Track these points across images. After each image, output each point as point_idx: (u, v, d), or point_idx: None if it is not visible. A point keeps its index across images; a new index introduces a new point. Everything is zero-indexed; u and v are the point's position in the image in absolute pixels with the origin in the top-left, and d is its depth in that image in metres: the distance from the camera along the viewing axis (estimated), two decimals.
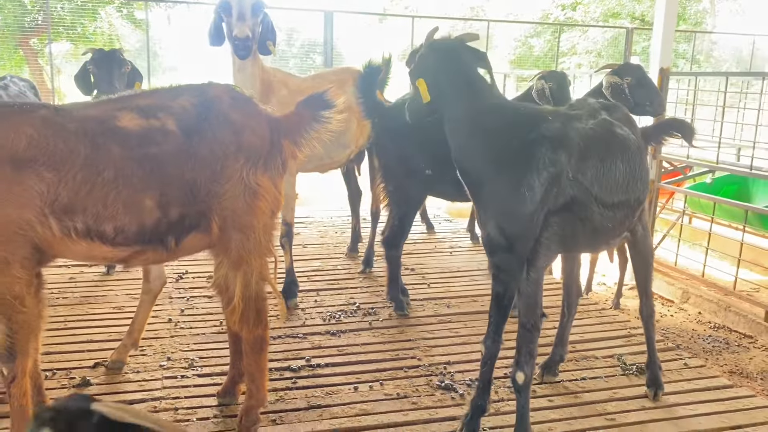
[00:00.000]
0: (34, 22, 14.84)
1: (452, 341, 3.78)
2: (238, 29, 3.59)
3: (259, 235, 2.60)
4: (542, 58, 23.46)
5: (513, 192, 2.40)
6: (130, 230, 2.42)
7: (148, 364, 3.38)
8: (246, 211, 2.55)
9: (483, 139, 2.50)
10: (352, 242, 5.45)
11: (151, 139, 2.42)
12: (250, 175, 2.53)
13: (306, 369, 3.39)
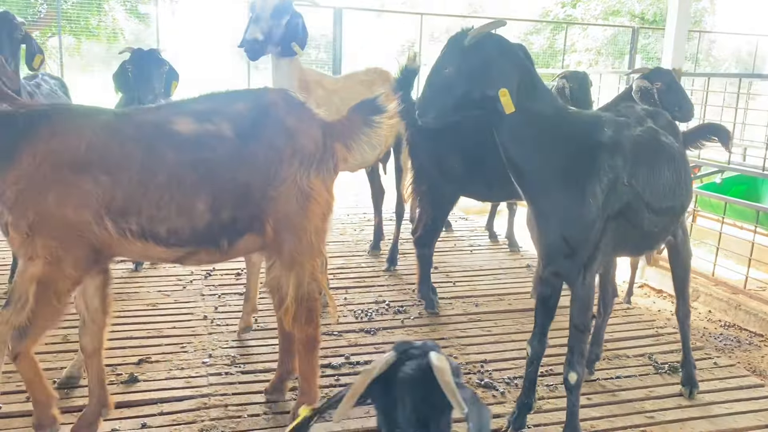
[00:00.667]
0: (37, 15, 14.76)
1: (485, 340, 3.85)
2: (249, 31, 3.68)
3: (311, 237, 2.65)
4: (541, 55, 23.51)
5: (576, 199, 2.46)
6: (182, 232, 2.50)
7: (191, 361, 3.43)
8: (299, 213, 2.60)
9: (542, 145, 2.55)
10: (374, 240, 5.51)
11: (205, 144, 2.49)
12: (304, 179, 2.58)
13: (346, 366, 3.45)
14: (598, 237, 2.51)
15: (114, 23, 14.80)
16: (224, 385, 3.20)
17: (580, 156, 2.51)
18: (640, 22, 21.41)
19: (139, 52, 4.20)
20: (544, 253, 2.62)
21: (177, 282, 4.60)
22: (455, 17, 21.69)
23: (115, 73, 4.27)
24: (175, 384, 3.19)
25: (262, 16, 3.71)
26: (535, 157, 2.55)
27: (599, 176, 2.47)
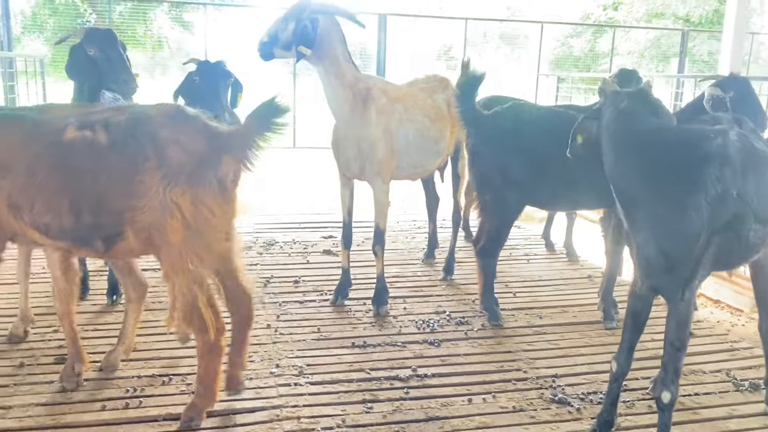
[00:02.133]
0: (87, 25, 15.09)
1: (554, 353, 3.76)
2: (263, 34, 3.74)
3: (178, 250, 2.68)
4: (582, 58, 23.21)
5: (679, 212, 2.38)
6: (56, 229, 2.73)
7: (258, 371, 3.42)
8: (162, 226, 2.66)
9: (643, 158, 2.48)
10: (429, 249, 5.46)
11: (76, 150, 2.66)
12: (167, 192, 2.62)
13: (414, 379, 3.39)
14: (700, 251, 2.41)
15: (159, 32, 15.07)
16: (294, 396, 3.17)
17: (684, 168, 2.42)
18: (685, 24, 20.95)
19: (205, 65, 4.23)
20: (641, 266, 2.53)
21: None
22: (497, 21, 21.56)
23: (181, 84, 4.30)
24: (245, 395, 3.17)
25: (275, 21, 3.76)
26: (630, 170, 2.48)
27: (706, 188, 2.38)
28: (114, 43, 3.75)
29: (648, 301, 2.64)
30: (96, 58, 3.71)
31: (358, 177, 4.19)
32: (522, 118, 3.89)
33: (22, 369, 3.34)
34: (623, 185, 2.55)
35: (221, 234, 2.82)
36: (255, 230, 6.28)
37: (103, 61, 3.70)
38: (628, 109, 2.59)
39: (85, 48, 3.74)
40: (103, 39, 3.74)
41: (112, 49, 3.72)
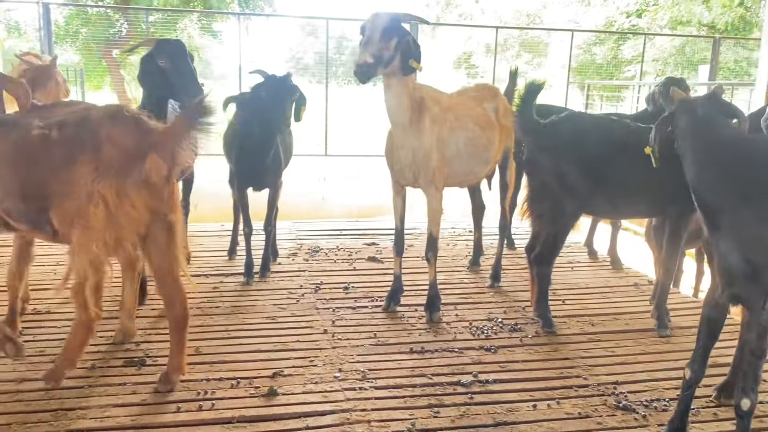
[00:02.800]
0: (118, 35, 15.35)
1: (611, 360, 3.78)
2: (359, 55, 3.67)
3: (92, 235, 2.93)
4: (605, 66, 23.12)
5: (764, 221, 2.40)
6: (13, 212, 3.08)
7: (323, 375, 3.48)
8: (86, 213, 2.90)
9: (728, 167, 2.51)
10: (474, 256, 5.50)
11: (30, 144, 2.98)
12: (95, 184, 2.89)
13: (476, 384, 3.43)
14: None
15: (189, 41, 15.26)
16: (362, 400, 3.22)
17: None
18: (711, 32, 20.80)
19: (272, 79, 4.33)
20: (723, 275, 2.55)
21: (289, 296, 4.68)
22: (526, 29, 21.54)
23: (243, 95, 4.40)
24: (313, 398, 3.23)
25: (372, 39, 3.70)
26: (713, 180, 2.51)
27: None
28: (183, 55, 3.84)
29: (725, 309, 2.66)
30: (166, 68, 3.81)
31: (412, 185, 4.25)
32: (580, 127, 3.92)
33: (94, 371, 3.42)
34: (706, 194, 2.58)
35: (138, 227, 3.06)
36: (298, 236, 6.36)
37: (172, 72, 3.80)
38: (706, 116, 2.63)
39: (156, 59, 3.83)
40: (174, 50, 3.84)
41: (181, 61, 3.81)
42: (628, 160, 3.78)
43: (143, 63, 3.91)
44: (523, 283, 5.11)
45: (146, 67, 3.88)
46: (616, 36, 22.36)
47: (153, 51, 3.86)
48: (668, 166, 3.75)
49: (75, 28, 15.00)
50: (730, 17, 20.40)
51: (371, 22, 3.73)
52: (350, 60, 4.26)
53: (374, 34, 3.71)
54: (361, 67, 3.65)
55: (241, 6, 15.45)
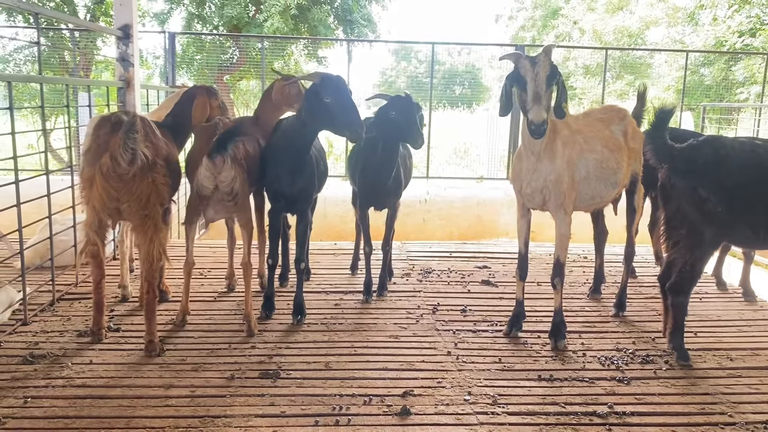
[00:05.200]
0: (230, 61, 16.17)
1: (757, 398, 3.55)
2: (534, 114, 3.59)
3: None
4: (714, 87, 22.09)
5: None
6: None
7: (452, 397, 3.47)
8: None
9: None
10: (595, 283, 5.34)
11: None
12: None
13: (613, 416, 3.31)
14: None
15: (296, 66, 15.86)
16: (496, 425, 3.19)
17: None
18: None
19: (400, 98, 4.45)
20: None
21: (408, 315, 4.72)
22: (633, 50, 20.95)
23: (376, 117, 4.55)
24: (446, 420, 3.23)
25: (540, 92, 3.64)
26: None
27: None
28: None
29: None
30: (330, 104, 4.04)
31: (540, 208, 4.20)
32: (720, 152, 3.75)
33: (234, 381, 3.57)
34: None
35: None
36: (409, 257, 6.41)
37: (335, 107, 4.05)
38: None
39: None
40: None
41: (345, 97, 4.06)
42: None
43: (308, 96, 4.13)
44: (648, 313, 4.92)
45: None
46: (727, 57, 21.33)
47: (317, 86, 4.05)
48: None
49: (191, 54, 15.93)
50: None
51: (534, 71, 3.66)
52: (508, 101, 4.07)
53: (540, 85, 3.66)
54: (540, 126, 3.63)
55: (345, 32, 15.92)
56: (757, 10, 21.94)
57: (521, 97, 3.74)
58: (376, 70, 32.99)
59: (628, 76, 23.71)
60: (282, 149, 4.36)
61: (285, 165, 4.32)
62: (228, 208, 4.27)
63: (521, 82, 3.71)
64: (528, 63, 3.69)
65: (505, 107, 3.91)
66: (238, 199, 4.21)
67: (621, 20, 25.26)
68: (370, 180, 4.81)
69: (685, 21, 24.70)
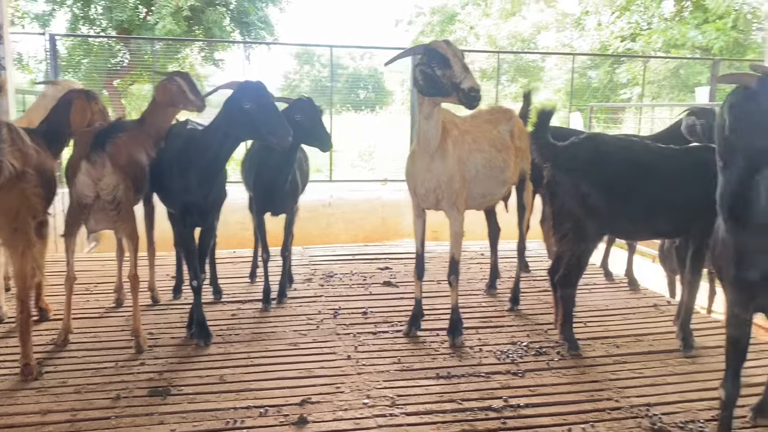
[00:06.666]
0: (120, 64, 15.45)
1: (641, 382, 3.73)
2: (472, 82, 3.61)
3: None
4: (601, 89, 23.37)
5: None
6: None
7: (351, 402, 3.43)
8: None
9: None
10: (491, 279, 5.47)
11: None
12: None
13: (508, 409, 3.38)
14: None
15: (191, 70, 15.36)
16: (394, 427, 3.17)
17: None
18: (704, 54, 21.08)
19: (303, 101, 4.38)
20: (741, 290, 2.53)
21: (309, 321, 4.64)
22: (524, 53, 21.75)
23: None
24: (344, 426, 3.18)
25: (466, 66, 3.68)
26: None
27: None
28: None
29: (748, 326, 2.66)
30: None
31: (434, 208, 4.24)
32: (599, 149, 3.93)
33: (119, 402, 3.36)
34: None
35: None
36: (311, 262, 6.33)
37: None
38: None
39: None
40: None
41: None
42: (650, 180, 3.80)
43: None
44: (541, 306, 5.09)
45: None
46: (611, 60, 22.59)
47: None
48: (691, 185, 3.78)
49: (77, 58, 15.09)
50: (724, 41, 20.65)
51: (452, 49, 3.70)
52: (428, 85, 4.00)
53: (462, 59, 3.69)
54: (479, 91, 3.63)
55: (242, 35, 15.58)
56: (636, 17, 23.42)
57: (446, 75, 3.68)
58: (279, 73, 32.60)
59: (522, 79, 24.71)
60: (192, 159, 4.03)
61: (196, 176, 4.03)
62: (111, 218, 4.02)
63: (443, 60, 3.68)
64: (444, 43, 3.74)
65: (428, 87, 3.79)
66: (122, 207, 3.98)
67: (514, 25, 26.23)
68: (267, 184, 4.69)
69: (572, 26, 26.00)
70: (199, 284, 4.21)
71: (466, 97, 3.60)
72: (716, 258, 2.66)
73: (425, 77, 3.73)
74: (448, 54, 3.64)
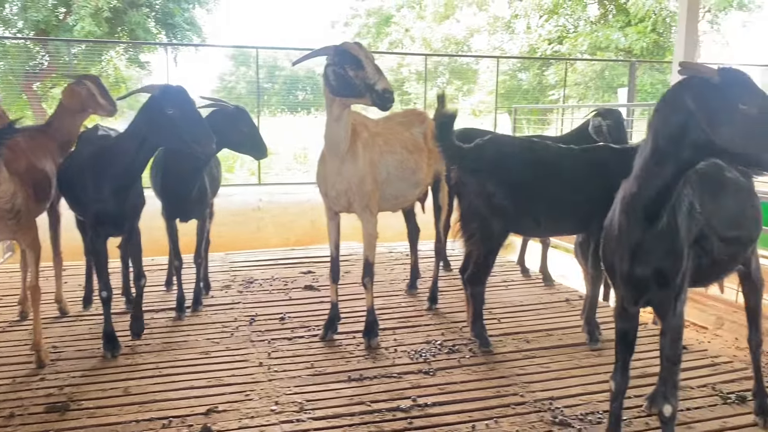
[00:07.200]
0: (39, 67, 14.85)
1: (547, 377, 3.83)
2: (386, 83, 3.61)
3: None
4: (531, 90, 23.97)
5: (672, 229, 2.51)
6: None
7: (258, 409, 3.39)
8: None
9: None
10: (411, 279, 5.52)
11: None
12: None
13: (416, 409, 3.41)
14: (686, 266, 2.55)
15: (116, 72, 14.91)
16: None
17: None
18: (627, 56, 21.88)
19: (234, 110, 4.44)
20: (632, 285, 2.62)
21: (223, 329, 4.56)
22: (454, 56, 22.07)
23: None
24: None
25: (377, 67, 3.68)
26: None
27: (681, 204, 2.52)
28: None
29: (636, 319, 2.76)
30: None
31: (346, 210, 4.24)
32: (503, 150, 4.02)
33: (13, 420, 3.22)
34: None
35: None
36: (231, 268, 6.23)
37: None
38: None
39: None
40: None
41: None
42: (551, 180, 3.91)
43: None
44: (460, 304, 5.15)
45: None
46: (540, 62, 23.19)
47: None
48: (590, 183, 3.91)
49: None
50: (645, 43, 21.52)
51: (363, 51, 3.70)
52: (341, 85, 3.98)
53: (374, 61, 3.69)
54: (393, 93, 3.64)
55: (168, 37, 15.21)
56: (564, 20, 24.14)
57: (359, 76, 3.67)
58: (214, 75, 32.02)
59: (457, 81, 25.08)
60: (106, 166, 3.87)
61: (110, 183, 3.86)
62: (9, 228, 3.84)
63: (355, 61, 3.67)
64: (355, 45, 3.74)
65: (340, 87, 3.78)
66: (21, 217, 3.81)
67: (448, 28, 26.60)
68: (174, 190, 4.59)
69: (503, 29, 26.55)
70: (108, 294, 4.07)
71: (380, 98, 3.61)
72: (608, 254, 2.74)
73: (337, 77, 3.73)
74: (360, 55, 3.65)
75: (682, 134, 2.27)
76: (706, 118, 2.20)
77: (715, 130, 2.19)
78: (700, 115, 2.21)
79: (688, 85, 2.29)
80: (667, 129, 2.32)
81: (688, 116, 2.25)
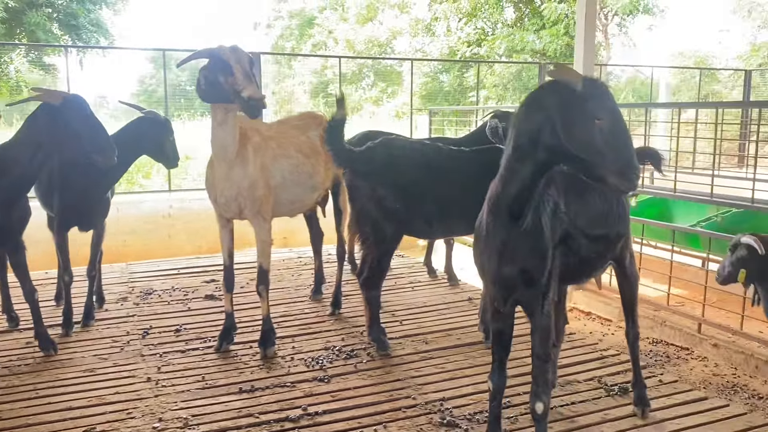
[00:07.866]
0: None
1: (441, 377, 3.85)
2: (253, 91, 3.50)
3: None
4: (452, 92, 24.34)
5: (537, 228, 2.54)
6: None
7: (139, 427, 3.24)
8: None
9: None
10: (316, 284, 5.45)
11: None
12: None
13: (305, 418, 3.35)
14: (551, 265, 2.60)
15: (17, 75, 14.13)
16: None
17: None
18: (542, 58, 22.55)
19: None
20: (501, 285, 2.65)
21: (113, 344, 4.36)
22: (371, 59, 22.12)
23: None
24: None
25: (249, 74, 3.59)
26: None
27: (545, 205, 2.57)
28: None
29: (510, 318, 2.80)
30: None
31: (238, 217, 4.13)
32: (393, 153, 4.02)
33: None
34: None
35: None
36: (130, 279, 5.98)
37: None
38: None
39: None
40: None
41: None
42: (441, 182, 3.93)
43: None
44: (362, 308, 5.11)
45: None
46: (460, 64, 23.58)
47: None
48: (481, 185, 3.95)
49: None
50: (558, 45, 22.24)
51: (236, 56, 3.58)
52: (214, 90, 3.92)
53: (247, 68, 3.58)
54: (261, 100, 3.54)
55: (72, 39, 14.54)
56: (482, 23, 24.64)
57: (228, 81, 3.57)
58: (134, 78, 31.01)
59: (381, 83, 25.19)
60: None
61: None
62: None
63: (225, 67, 3.57)
64: (228, 50, 3.62)
65: (209, 93, 3.70)
66: None
67: (371, 30, 26.68)
68: (80, 199, 4.38)
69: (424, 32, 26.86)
70: None
71: (246, 106, 3.53)
72: (478, 255, 2.76)
73: (207, 82, 3.63)
74: (231, 61, 3.55)
75: (538, 135, 2.31)
76: (561, 123, 2.25)
77: (568, 136, 2.23)
78: (557, 120, 2.26)
79: (553, 88, 2.34)
80: (526, 127, 2.36)
81: (546, 118, 2.29)
